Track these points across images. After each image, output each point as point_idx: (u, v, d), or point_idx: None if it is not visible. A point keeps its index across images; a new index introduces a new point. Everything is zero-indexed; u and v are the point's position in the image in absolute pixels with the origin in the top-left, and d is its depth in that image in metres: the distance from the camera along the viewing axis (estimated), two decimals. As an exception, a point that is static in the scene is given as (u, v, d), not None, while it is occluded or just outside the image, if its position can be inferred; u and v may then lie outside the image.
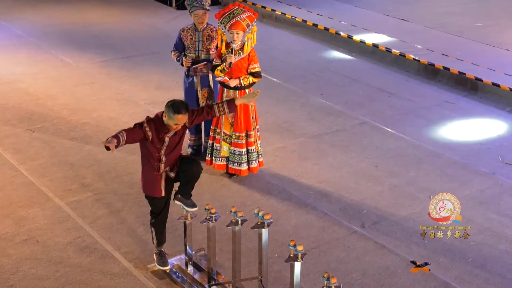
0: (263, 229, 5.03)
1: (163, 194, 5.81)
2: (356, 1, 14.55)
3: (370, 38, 12.03)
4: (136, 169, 7.83)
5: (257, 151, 7.51)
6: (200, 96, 7.75)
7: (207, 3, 7.49)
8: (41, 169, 7.75)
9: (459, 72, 10.50)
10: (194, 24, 7.60)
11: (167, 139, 5.62)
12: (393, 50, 11.43)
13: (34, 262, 6.09)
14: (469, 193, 7.34)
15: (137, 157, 8.05)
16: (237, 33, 7.10)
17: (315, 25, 12.80)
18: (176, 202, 5.87)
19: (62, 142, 8.41)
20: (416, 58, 11.09)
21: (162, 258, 6.02)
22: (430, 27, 12.90)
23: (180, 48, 7.71)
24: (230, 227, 5.32)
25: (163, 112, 5.56)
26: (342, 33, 12.28)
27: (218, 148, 7.45)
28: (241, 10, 7.19)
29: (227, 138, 7.41)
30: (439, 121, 9.29)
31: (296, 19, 13.17)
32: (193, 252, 6.03)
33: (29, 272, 5.95)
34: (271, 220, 5.06)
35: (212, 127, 7.50)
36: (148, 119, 5.62)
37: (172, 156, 5.73)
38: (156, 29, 13.10)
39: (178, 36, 7.72)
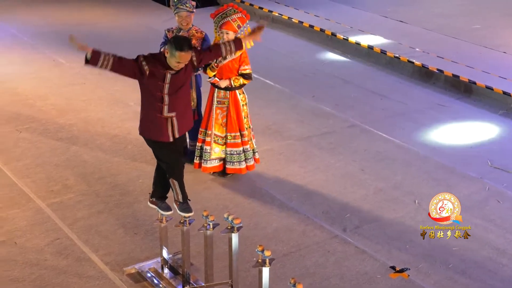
0: (232, 234, 4.97)
1: (171, 139, 5.49)
2: (354, 2, 14.46)
3: (366, 39, 11.93)
4: (120, 170, 7.84)
5: (252, 149, 7.50)
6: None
7: (191, 5, 7.47)
8: (25, 169, 7.71)
9: (453, 74, 10.40)
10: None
11: (168, 75, 5.36)
12: (388, 52, 11.34)
13: (10, 264, 6.04)
14: (455, 198, 7.24)
15: (122, 159, 8.15)
16: (227, 33, 7.07)
17: (311, 26, 12.72)
18: (150, 205, 5.82)
19: (48, 142, 8.37)
20: (411, 60, 10.99)
21: (184, 205, 5.73)
22: (428, 29, 12.78)
23: None
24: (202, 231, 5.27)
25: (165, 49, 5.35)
26: (337, 35, 12.21)
27: (208, 150, 7.39)
28: (234, 10, 7.18)
29: (218, 140, 7.35)
30: (430, 124, 9.20)
31: (293, 20, 13.10)
32: (170, 256, 5.97)
33: (4, 274, 5.90)
34: (241, 225, 5.00)
35: (201, 129, 7.44)
36: (146, 54, 5.41)
37: (177, 99, 5.45)
38: (152, 29, 13.02)
39: (164, 35, 7.76)
